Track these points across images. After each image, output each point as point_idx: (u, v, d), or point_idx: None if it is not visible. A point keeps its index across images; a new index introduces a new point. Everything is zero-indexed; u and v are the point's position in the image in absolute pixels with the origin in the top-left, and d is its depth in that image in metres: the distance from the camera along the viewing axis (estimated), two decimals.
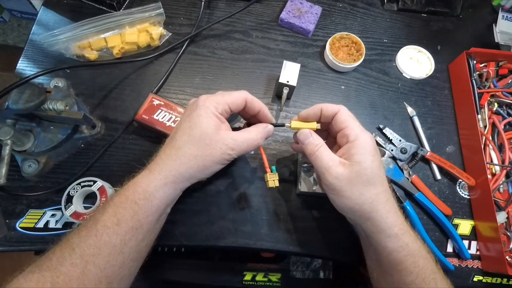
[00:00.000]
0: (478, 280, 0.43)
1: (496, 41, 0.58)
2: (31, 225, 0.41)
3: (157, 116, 0.45)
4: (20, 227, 0.41)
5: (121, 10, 0.54)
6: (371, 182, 0.32)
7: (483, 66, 0.53)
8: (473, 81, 0.50)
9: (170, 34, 0.53)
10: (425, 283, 0.31)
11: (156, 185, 0.32)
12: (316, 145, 0.35)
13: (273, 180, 0.37)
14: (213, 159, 0.33)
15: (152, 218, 0.32)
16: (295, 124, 0.37)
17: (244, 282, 0.51)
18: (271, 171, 0.37)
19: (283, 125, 0.39)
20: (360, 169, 0.32)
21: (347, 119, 0.35)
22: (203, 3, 0.53)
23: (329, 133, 0.40)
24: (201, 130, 0.33)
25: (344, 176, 0.32)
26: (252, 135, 0.36)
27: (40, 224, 0.41)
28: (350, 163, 0.32)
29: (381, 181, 0.33)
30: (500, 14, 0.59)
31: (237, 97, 0.35)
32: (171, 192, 0.33)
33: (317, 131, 0.37)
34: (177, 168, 0.33)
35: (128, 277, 0.32)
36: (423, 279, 0.31)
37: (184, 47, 0.52)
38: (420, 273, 0.31)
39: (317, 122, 0.37)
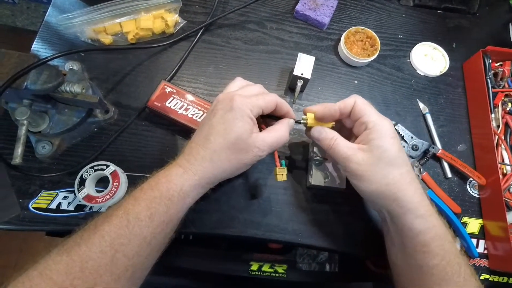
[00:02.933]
0: (485, 278, 0.43)
1: None
2: (44, 206, 0.42)
3: (169, 103, 0.45)
4: (33, 207, 0.41)
5: None
6: (393, 163, 0.32)
7: (499, 65, 0.53)
8: (488, 80, 0.50)
9: (185, 22, 0.53)
10: (449, 266, 0.31)
11: (191, 185, 0.33)
12: (331, 139, 0.36)
13: (281, 174, 0.38)
14: (245, 163, 0.34)
15: (181, 214, 0.34)
16: (311, 122, 0.38)
17: (250, 272, 0.52)
18: (281, 165, 0.38)
19: (299, 122, 0.39)
20: (381, 151, 0.32)
21: (363, 108, 0.35)
22: None
23: (342, 124, 0.40)
24: (237, 134, 0.33)
25: (365, 161, 0.33)
26: (281, 133, 0.36)
27: (53, 205, 0.42)
28: (370, 147, 0.33)
29: (403, 162, 0.33)
30: None
31: (270, 101, 0.35)
32: (203, 191, 0.35)
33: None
34: (212, 171, 0.33)
35: (150, 266, 0.33)
36: (448, 262, 0.31)
37: (198, 36, 0.52)
38: (445, 256, 0.31)
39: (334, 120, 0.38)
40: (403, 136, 0.49)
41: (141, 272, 0.31)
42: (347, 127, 0.39)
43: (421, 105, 0.52)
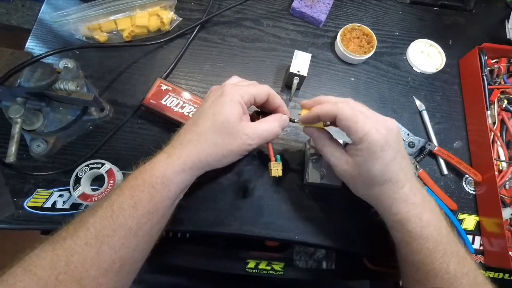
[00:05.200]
0: None
1: (508, 37, 0.57)
2: (39, 205, 0.41)
3: (165, 101, 0.45)
4: (28, 206, 0.41)
5: None
6: (372, 183, 0.33)
7: (495, 62, 0.53)
8: (484, 77, 0.50)
9: (181, 19, 0.53)
10: (433, 264, 0.31)
11: (174, 170, 0.32)
12: (324, 145, 0.37)
13: (276, 169, 0.37)
14: (232, 149, 0.33)
15: (167, 203, 0.32)
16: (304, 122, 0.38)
17: (247, 269, 0.52)
18: (276, 160, 0.38)
19: (293, 121, 0.40)
20: (360, 171, 0.33)
21: (347, 124, 0.32)
22: None
23: None
24: (225, 118, 0.32)
25: (349, 174, 0.34)
26: (271, 125, 0.36)
27: (48, 204, 0.42)
28: (353, 162, 0.33)
29: (386, 181, 0.32)
30: None
31: (262, 90, 0.35)
32: (188, 178, 0.34)
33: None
34: (197, 154, 0.33)
35: (141, 260, 0.32)
36: (432, 260, 0.31)
37: (194, 33, 0.52)
38: (428, 254, 0.31)
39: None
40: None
41: (130, 266, 0.30)
42: None
43: (418, 102, 0.52)
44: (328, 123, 0.37)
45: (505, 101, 0.50)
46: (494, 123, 0.50)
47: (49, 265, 0.26)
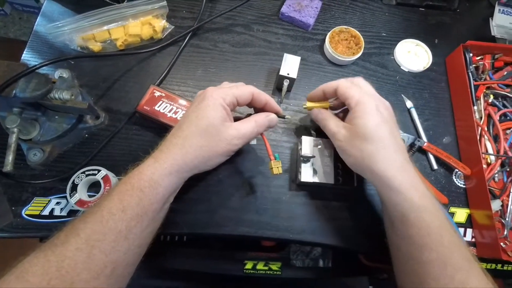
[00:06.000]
0: None
1: (492, 34, 0.59)
2: (37, 213, 0.42)
3: (158, 107, 0.46)
4: (26, 214, 0.42)
5: (124, 2, 0.54)
6: (366, 139, 0.34)
7: (480, 59, 0.54)
8: (470, 73, 0.51)
9: (173, 27, 0.54)
10: (429, 236, 0.31)
11: (161, 173, 0.33)
12: (323, 119, 0.41)
13: (277, 167, 0.39)
14: (217, 150, 0.35)
15: (156, 206, 0.33)
16: (309, 104, 0.44)
17: (245, 270, 0.52)
18: (275, 159, 0.39)
19: (283, 117, 0.41)
20: (358, 128, 0.35)
21: (345, 91, 0.37)
22: None
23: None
24: (208, 121, 0.34)
25: (346, 137, 0.37)
26: (255, 124, 0.37)
27: (46, 212, 0.42)
28: (351, 125, 0.36)
29: (379, 137, 0.34)
30: (497, 8, 0.60)
31: (244, 91, 0.36)
32: (176, 181, 0.34)
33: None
34: (183, 157, 0.33)
35: (133, 263, 0.33)
36: (428, 233, 0.31)
37: (186, 40, 0.53)
38: (424, 226, 0.31)
39: (325, 101, 0.43)
40: None
41: (122, 269, 0.31)
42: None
43: (406, 101, 0.53)
44: (331, 104, 0.43)
45: (491, 96, 0.52)
46: (481, 118, 0.51)
47: (40, 271, 0.27)
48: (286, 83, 0.49)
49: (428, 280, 0.30)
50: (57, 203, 0.43)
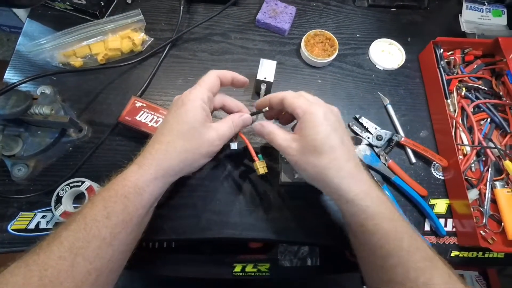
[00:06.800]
0: (455, 255, 0.45)
1: (462, 30, 0.61)
2: (23, 227, 0.43)
3: (139, 117, 0.47)
4: (12, 229, 0.42)
5: (103, 18, 0.56)
6: (317, 152, 0.33)
7: (450, 54, 0.56)
8: (441, 68, 0.53)
9: (152, 39, 0.56)
10: (389, 243, 0.31)
11: (146, 179, 0.33)
12: (269, 133, 0.38)
13: (262, 167, 0.39)
14: (201, 152, 0.35)
15: (141, 212, 0.33)
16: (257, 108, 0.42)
17: (234, 273, 0.53)
18: (259, 159, 0.40)
19: (260, 112, 0.41)
20: (307, 140, 0.33)
21: (292, 101, 0.35)
22: (182, 8, 0.56)
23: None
24: (190, 125, 0.34)
25: (297, 151, 0.35)
26: (230, 124, 0.38)
27: (32, 225, 0.43)
28: (300, 137, 0.35)
29: (329, 148, 0.33)
30: (465, 5, 0.62)
31: (210, 78, 0.37)
32: (161, 185, 0.35)
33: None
34: (168, 162, 0.34)
35: (117, 269, 0.33)
36: (387, 240, 0.31)
37: (166, 51, 0.55)
38: (383, 234, 0.31)
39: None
40: (367, 127, 0.51)
41: (106, 277, 0.30)
42: None
43: (383, 98, 0.55)
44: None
45: (464, 89, 0.53)
46: (455, 111, 0.52)
47: (22, 281, 0.26)
48: (263, 87, 0.50)
49: (394, 285, 0.30)
50: (43, 216, 0.43)
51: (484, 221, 0.45)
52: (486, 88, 0.54)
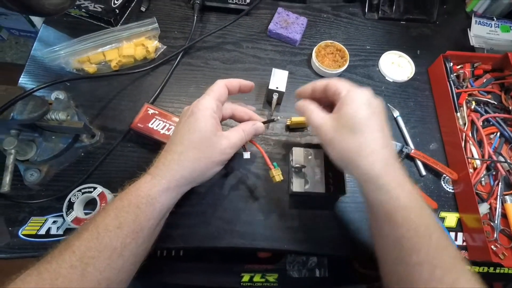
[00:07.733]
0: None
1: (471, 44, 0.62)
2: (33, 232, 0.43)
3: (152, 124, 0.47)
4: (23, 234, 0.42)
5: (118, 25, 0.57)
6: (355, 130, 0.32)
7: (460, 67, 0.56)
8: (451, 81, 0.53)
9: (165, 47, 0.57)
10: (417, 237, 0.30)
11: (159, 189, 0.33)
12: (308, 110, 0.38)
13: (278, 175, 0.40)
14: (213, 160, 0.36)
15: (153, 222, 0.33)
16: (294, 119, 0.49)
17: (242, 283, 0.52)
18: (274, 167, 0.40)
19: (272, 121, 0.42)
20: (346, 119, 0.33)
21: (337, 82, 0.36)
22: (195, 17, 0.57)
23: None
24: (201, 134, 0.35)
25: (332, 128, 0.34)
26: (241, 133, 0.38)
27: (42, 231, 0.43)
28: (338, 115, 0.34)
29: (368, 129, 0.32)
30: (474, 19, 0.63)
31: (218, 87, 0.38)
32: (174, 196, 0.35)
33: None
34: (181, 172, 0.34)
35: (127, 280, 0.33)
36: (416, 233, 0.30)
37: (178, 59, 0.55)
38: (412, 227, 0.30)
39: (310, 98, 0.41)
40: None
41: (116, 286, 0.31)
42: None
43: (392, 109, 0.55)
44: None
45: (473, 103, 0.54)
46: (465, 124, 0.53)
47: None
48: (275, 96, 0.51)
49: (417, 283, 0.29)
50: (54, 222, 0.43)
51: (495, 235, 0.45)
52: (495, 102, 0.54)
